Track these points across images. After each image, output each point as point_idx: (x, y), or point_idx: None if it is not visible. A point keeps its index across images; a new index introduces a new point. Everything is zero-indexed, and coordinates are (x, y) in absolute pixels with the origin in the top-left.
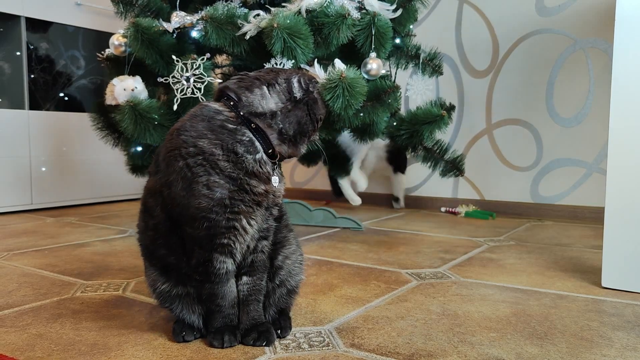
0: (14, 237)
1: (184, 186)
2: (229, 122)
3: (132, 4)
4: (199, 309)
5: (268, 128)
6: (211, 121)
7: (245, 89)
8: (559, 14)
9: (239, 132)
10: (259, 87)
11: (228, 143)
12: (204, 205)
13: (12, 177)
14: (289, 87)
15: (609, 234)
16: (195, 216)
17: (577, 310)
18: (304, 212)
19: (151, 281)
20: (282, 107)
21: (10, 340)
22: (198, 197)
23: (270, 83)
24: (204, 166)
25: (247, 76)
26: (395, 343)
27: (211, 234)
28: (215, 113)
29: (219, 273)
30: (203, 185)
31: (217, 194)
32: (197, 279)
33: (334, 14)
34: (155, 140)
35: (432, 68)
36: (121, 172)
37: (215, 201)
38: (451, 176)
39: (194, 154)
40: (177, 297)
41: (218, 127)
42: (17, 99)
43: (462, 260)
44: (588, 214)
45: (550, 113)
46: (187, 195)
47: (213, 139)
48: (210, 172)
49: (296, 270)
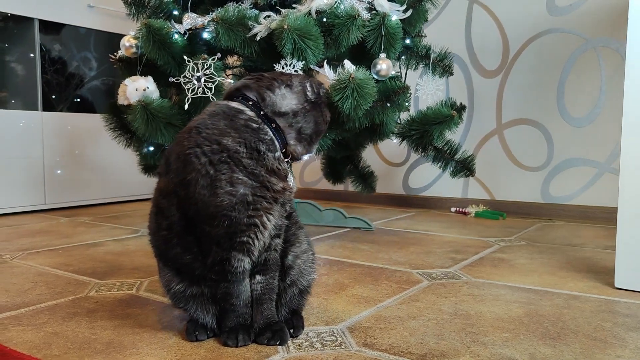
0: (29, 237)
1: (205, 184)
2: (253, 121)
3: (144, 5)
4: (212, 309)
5: (288, 127)
6: (234, 120)
7: (266, 89)
8: (570, 13)
9: (262, 131)
10: (279, 87)
11: (251, 141)
12: (226, 203)
13: (26, 178)
14: (304, 89)
15: (622, 234)
16: (216, 214)
17: (590, 311)
18: (314, 212)
19: (165, 282)
20: (301, 108)
21: (27, 338)
22: (220, 195)
23: (288, 84)
24: (228, 163)
25: (263, 77)
26: (407, 343)
27: (231, 232)
28: (237, 112)
29: (236, 272)
30: (226, 182)
31: (240, 190)
32: (213, 278)
33: (344, 15)
34: (166, 139)
35: (442, 68)
36: (133, 173)
37: (238, 198)
38: (462, 176)
39: (217, 151)
40: (191, 297)
41: (242, 125)
42: (31, 100)
43: (473, 261)
44: (600, 214)
45: (561, 113)
46: (207, 193)
47: (236, 137)
48: (234, 169)
49: (308, 270)
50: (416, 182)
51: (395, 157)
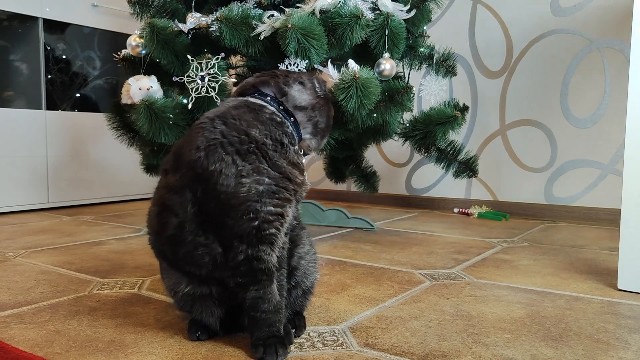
0: (32, 235)
1: (230, 174)
2: (276, 115)
3: (148, 5)
4: (217, 312)
5: (306, 121)
6: (259, 113)
7: (284, 85)
8: (574, 14)
9: (285, 125)
10: (294, 83)
11: (276, 134)
12: (253, 193)
13: (30, 176)
14: (313, 85)
15: (625, 236)
16: (240, 205)
17: (592, 312)
18: (316, 212)
19: (173, 284)
20: (315, 102)
21: (29, 336)
22: (246, 184)
23: (300, 81)
24: (256, 154)
25: (277, 74)
26: (409, 343)
27: (256, 225)
28: (260, 106)
29: (267, 268)
30: (253, 172)
31: (266, 180)
32: (240, 281)
33: (347, 15)
34: (170, 139)
35: (445, 68)
36: (136, 172)
37: (265, 187)
38: (464, 177)
39: (246, 141)
40: (199, 299)
41: (267, 119)
42: (35, 99)
43: (476, 261)
44: (603, 216)
45: (565, 114)
46: (233, 183)
47: (263, 129)
48: (261, 159)
49: (311, 270)
50: (419, 182)
51: (398, 158)
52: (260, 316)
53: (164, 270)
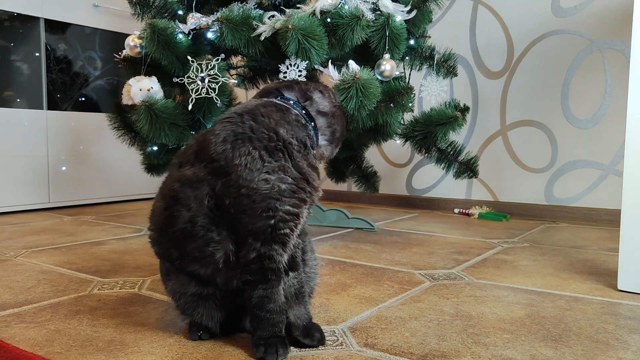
0: (33, 235)
1: (254, 168)
2: (301, 117)
3: (149, 5)
4: (217, 315)
5: (326, 127)
6: (286, 113)
7: (306, 91)
8: (575, 14)
9: (308, 128)
10: (315, 91)
11: (300, 136)
12: (276, 190)
13: (31, 176)
14: (330, 95)
15: (625, 236)
16: (260, 202)
17: (592, 313)
18: (317, 212)
19: (179, 286)
20: (334, 111)
21: (29, 335)
22: (270, 182)
23: (319, 89)
24: (283, 152)
25: (297, 81)
26: (408, 343)
27: (272, 223)
28: (286, 109)
29: (277, 268)
30: (279, 170)
31: (289, 179)
32: (249, 279)
33: (348, 15)
34: (170, 140)
35: (446, 69)
36: (137, 172)
37: (287, 185)
38: (465, 178)
39: (274, 139)
40: (202, 300)
41: (294, 120)
42: (36, 99)
43: (476, 262)
44: (604, 216)
45: (566, 114)
46: (256, 179)
47: (289, 129)
48: (287, 159)
49: (312, 277)
50: (420, 183)
51: (399, 158)
52: (265, 315)
53: (168, 272)
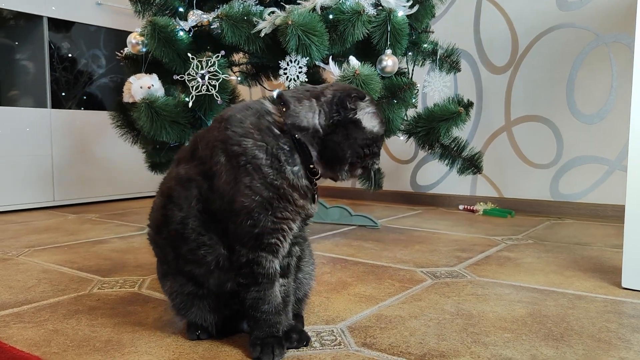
0: (36, 234)
1: (229, 179)
2: (275, 126)
3: (150, 2)
4: (210, 318)
5: (311, 145)
6: (260, 119)
7: (295, 100)
8: (580, 8)
9: (282, 139)
10: (309, 99)
11: (273, 147)
12: (247, 204)
13: (35, 174)
14: (330, 106)
15: (630, 233)
16: (239, 212)
17: (595, 311)
18: (320, 210)
19: (178, 286)
20: (324, 127)
21: (27, 335)
22: (242, 195)
23: (317, 97)
24: (247, 169)
25: (303, 88)
26: (407, 343)
27: (256, 232)
28: (266, 112)
29: (267, 273)
30: (246, 187)
31: (257, 199)
32: (241, 282)
33: (349, 11)
34: (171, 137)
35: (449, 64)
36: (140, 170)
37: (258, 203)
38: (469, 174)
39: (237, 153)
40: (198, 300)
41: (265, 127)
42: (40, 98)
43: (479, 259)
44: (610, 212)
45: (572, 109)
46: (232, 189)
47: (258, 139)
48: (254, 175)
49: (304, 282)
50: (424, 179)
51: (403, 154)
52: (260, 316)
53: (166, 274)
